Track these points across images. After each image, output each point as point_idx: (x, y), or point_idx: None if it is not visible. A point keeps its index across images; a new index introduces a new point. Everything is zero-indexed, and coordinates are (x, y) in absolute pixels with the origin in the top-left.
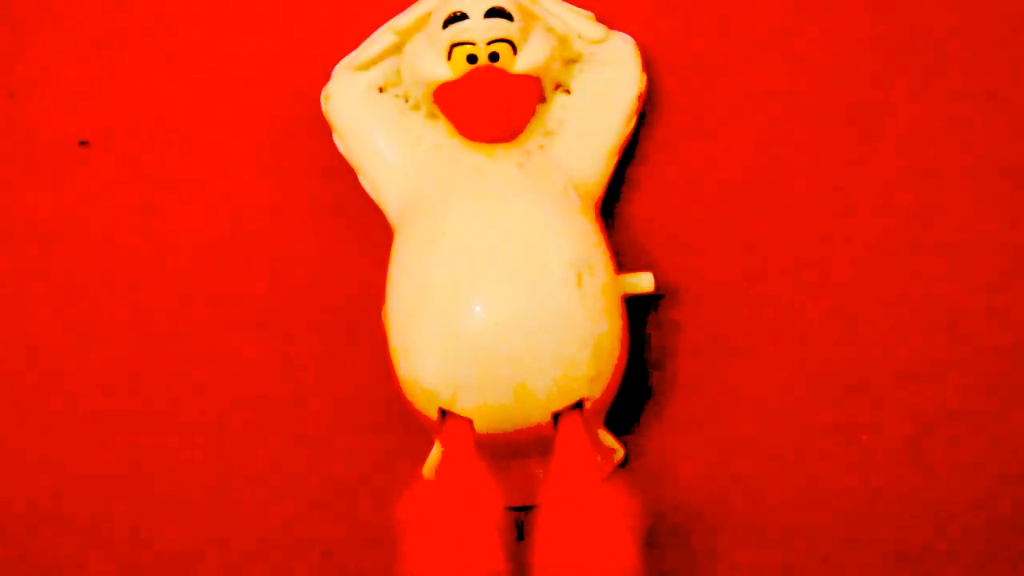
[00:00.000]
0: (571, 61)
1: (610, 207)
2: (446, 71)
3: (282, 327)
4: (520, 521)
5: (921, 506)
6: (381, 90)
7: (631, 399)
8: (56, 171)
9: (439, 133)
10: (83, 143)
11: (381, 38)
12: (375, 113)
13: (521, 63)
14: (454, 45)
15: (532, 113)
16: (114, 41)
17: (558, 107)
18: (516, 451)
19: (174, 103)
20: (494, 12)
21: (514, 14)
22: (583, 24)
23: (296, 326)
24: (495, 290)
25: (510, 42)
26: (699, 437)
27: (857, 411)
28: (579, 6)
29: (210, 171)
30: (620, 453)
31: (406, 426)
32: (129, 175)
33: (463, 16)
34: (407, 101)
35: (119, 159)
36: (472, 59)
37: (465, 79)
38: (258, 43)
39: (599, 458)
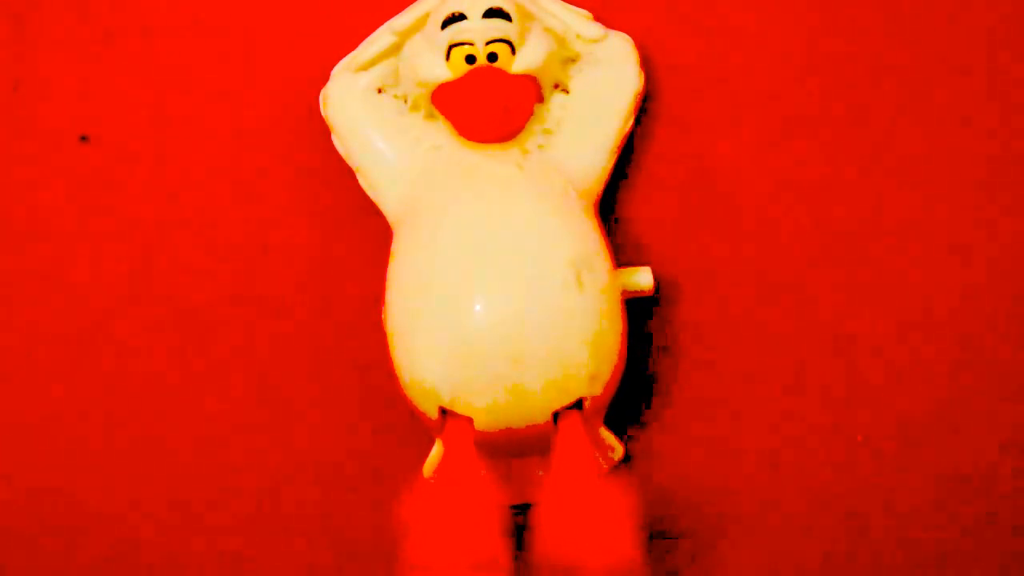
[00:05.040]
0: (569, 60)
1: (609, 206)
2: (445, 71)
3: (281, 327)
4: (521, 520)
5: (918, 505)
6: (380, 91)
7: (631, 397)
8: (56, 165)
9: (438, 133)
10: (83, 138)
11: (380, 39)
12: (374, 114)
13: (519, 63)
14: (453, 46)
15: (531, 113)
16: (117, 39)
17: (556, 107)
18: (517, 449)
19: (174, 102)
20: (492, 12)
21: (512, 14)
22: (581, 23)
23: (295, 326)
24: (495, 289)
25: (508, 42)
26: (699, 435)
27: (853, 411)
28: (577, 5)
29: (209, 171)
30: (620, 451)
31: (406, 425)
32: (128, 173)
33: (461, 17)
34: (406, 102)
35: (119, 156)
36: (471, 59)
37: (464, 79)
38: (258, 43)
39: (599, 456)
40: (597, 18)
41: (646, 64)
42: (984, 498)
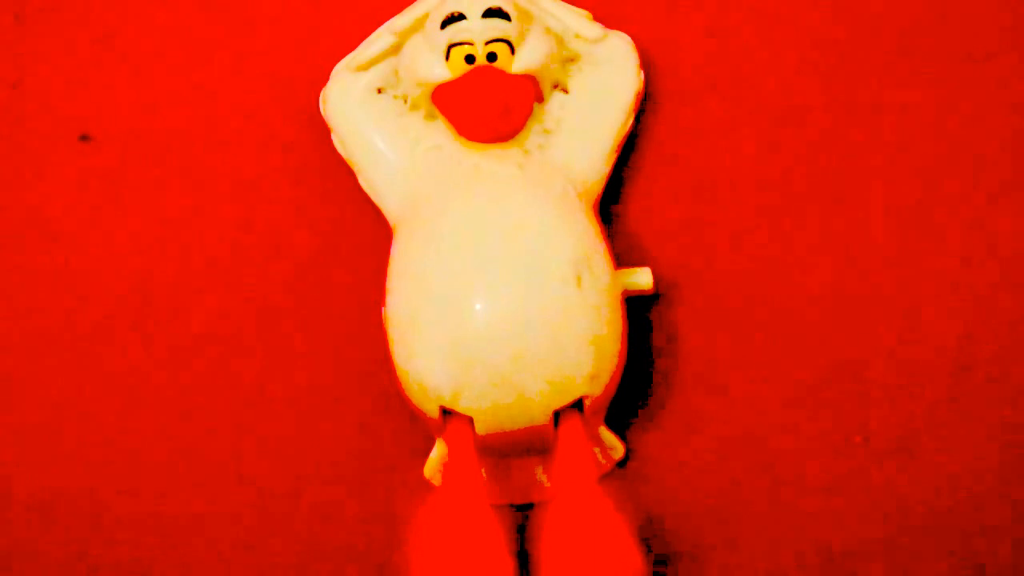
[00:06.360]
0: (569, 60)
1: (609, 206)
2: (444, 71)
3: (282, 327)
4: (522, 519)
5: (919, 505)
6: (380, 91)
7: (631, 397)
8: (56, 165)
9: (438, 134)
10: (84, 138)
11: (379, 39)
12: (374, 114)
13: (519, 63)
14: (452, 45)
15: (530, 113)
16: (117, 38)
17: (556, 106)
18: (517, 449)
19: (174, 102)
20: (492, 12)
21: (511, 14)
22: (580, 23)
23: (295, 326)
24: (495, 289)
25: (508, 42)
26: (699, 435)
27: (853, 412)
28: (576, 5)
29: (209, 171)
30: (620, 451)
31: (406, 425)
32: (128, 173)
33: (461, 16)
34: (405, 102)
35: (119, 156)
36: (470, 59)
37: (463, 79)
38: (258, 43)
39: (599, 456)
40: (597, 18)
41: (646, 64)
42: (985, 499)
